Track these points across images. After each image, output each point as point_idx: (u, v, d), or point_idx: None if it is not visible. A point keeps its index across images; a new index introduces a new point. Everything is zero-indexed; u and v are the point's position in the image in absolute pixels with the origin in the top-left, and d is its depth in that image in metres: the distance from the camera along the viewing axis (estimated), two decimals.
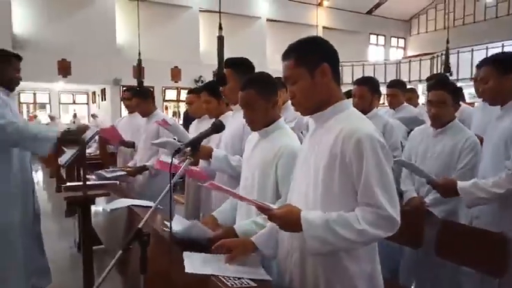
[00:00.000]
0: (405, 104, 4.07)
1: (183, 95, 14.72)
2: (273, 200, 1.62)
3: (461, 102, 2.93)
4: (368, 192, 1.21)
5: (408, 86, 4.80)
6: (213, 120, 2.73)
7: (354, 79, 3.32)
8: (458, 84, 2.73)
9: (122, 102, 14.17)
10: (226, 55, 7.45)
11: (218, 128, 1.72)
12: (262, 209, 1.32)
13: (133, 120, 3.99)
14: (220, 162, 2.08)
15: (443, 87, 2.33)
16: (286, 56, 1.36)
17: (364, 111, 2.80)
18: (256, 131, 1.78)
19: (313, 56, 1.32)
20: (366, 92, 2.92)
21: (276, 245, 1.49)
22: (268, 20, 17.64)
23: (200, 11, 15.91)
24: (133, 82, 12.54)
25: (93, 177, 3.17)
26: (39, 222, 2.88)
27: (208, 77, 14.29)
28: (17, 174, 2.61)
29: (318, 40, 1.39)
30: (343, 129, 1.26)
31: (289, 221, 1.27)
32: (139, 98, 3.63)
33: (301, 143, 1.66)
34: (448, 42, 6.34)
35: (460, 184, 1.99)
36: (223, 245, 1.48)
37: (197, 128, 3.18)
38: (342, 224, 1.21)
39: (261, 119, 1.73)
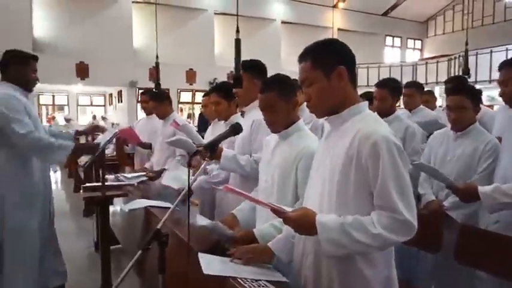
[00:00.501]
0: (421, 106, 4.01)
1: (198, 97, 14.84)
2: (292, 202, 1.62)
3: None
4: (384, 195, 1.20)
5: (425, 89, 4.73)
6: (223, 122, 2.78)
7: (369, 81, 3.29)
8: (477, 87, 2.68)
9: (138, 104, 14.42)
10: (241, 57, 7.48)
11: (236, 130, 1.72)
12: (277, 212, 1.32)
13: (151, 122, 4.05)
14: (230, 161, 2.11)
15: (462, 92, 2.28)
16: (302, 58, 1.36)
17: (385, 114, 2.77)
18: (276, 133, 1.77)
19: (329, 59, 1.32)
20: (387, 94, 2.89)
21: (292, 249, 1.50)
22: (283, 22, 17.64)
23: (215, 13, 16.02)
24: (149, 84, 12.69)
25: (112, 177, 3.22)
26: (53, 224, 2.93)
27: (223, 79, 14.37)
28: (38, 176, 2.66)
29: (335, 43, 1.38)
30: (360, 132, 1.25)
31: (304, 224, 1.26)
32: (156, 100, 3.68)
33: None
34: (467, 43, 6.18)
35: (481, 189, 1.95)
36: (242, 251, 1.50)
37: (213, 131, 3.20)
38: (357, 228, 1.20)
39: (282, 120, 1.73)
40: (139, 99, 14.09)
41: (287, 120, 1.73)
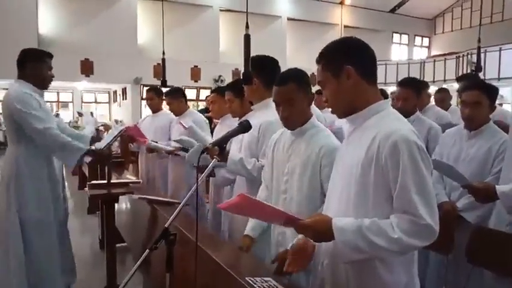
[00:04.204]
0: (431, 104, 3.95)
1: (203, 94, 14.80)
2: (320, 200, 1.60)
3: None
4: (404, 199, 1.15)
5: (432, 86, 4.66)
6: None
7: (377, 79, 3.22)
8: None
9: (142, 101, 14.39)
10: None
11: (245, 127, 1.67)
12: (291, 221, 1.24)
13: (156, 120, 4.02)
14: (236, 165, 2.04)
15: (479, 88, 2.23)
16: (317, 61, 1.36)
17: (408, 114, 2.68)
18: (290, 129, 1.72)
19: (336, 60, 1.29)
20: (411, 94, 2.83)
21: None
22: (289, 19, 17.52)
23: (220, 10, 15.97)
24: (154, 81, 12.66)
25: None
26: (67, 221, 2.91)
27: (228, 76, 14.33)
28: (57, 173, 2.67)
29: (342, 43, 1.36)
30: (379, 132, 1.21)
31: (321, 229, 1.20)
32: (171, 97, 3.67)
33: None
34: (479, 40, 6.09)
35: (500, 188, 1.87)
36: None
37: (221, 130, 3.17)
38: (376, 231, 1.15)
39: (298, 115, 1.68)
40: (143, 96, 14.10)
41: (303, 116, 1.69)
